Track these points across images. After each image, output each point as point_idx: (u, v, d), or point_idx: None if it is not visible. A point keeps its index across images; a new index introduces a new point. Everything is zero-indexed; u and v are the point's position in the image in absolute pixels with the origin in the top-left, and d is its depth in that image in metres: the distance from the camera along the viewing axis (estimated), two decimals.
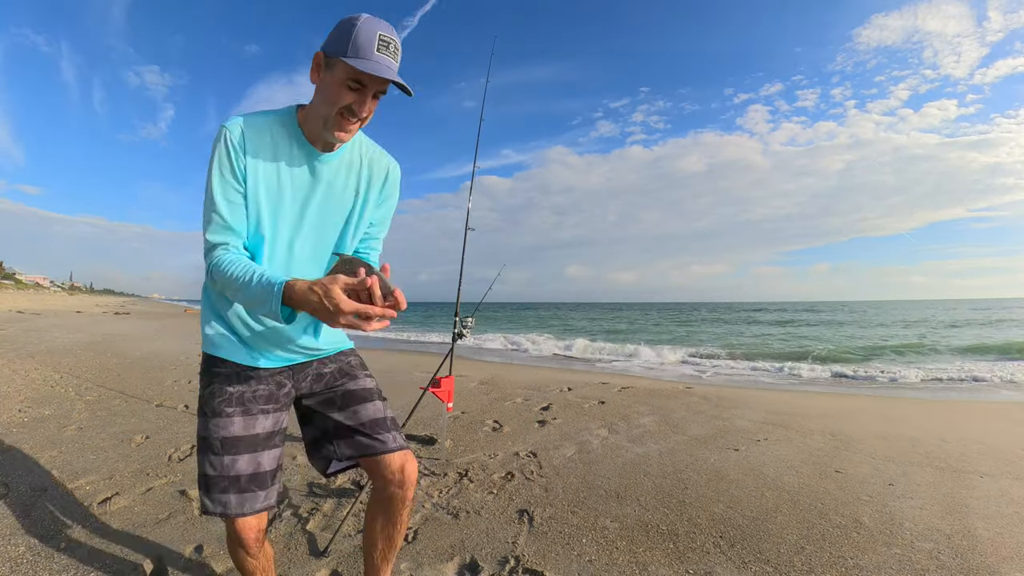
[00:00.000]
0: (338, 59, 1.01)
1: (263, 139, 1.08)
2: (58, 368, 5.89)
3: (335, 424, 1.24)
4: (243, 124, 1.07)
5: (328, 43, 1.04)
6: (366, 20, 1.01)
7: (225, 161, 1.05)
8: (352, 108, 1.05)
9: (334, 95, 1.03)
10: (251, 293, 0.96)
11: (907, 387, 7.33)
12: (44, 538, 1.93)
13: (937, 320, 26.13)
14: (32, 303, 30.81)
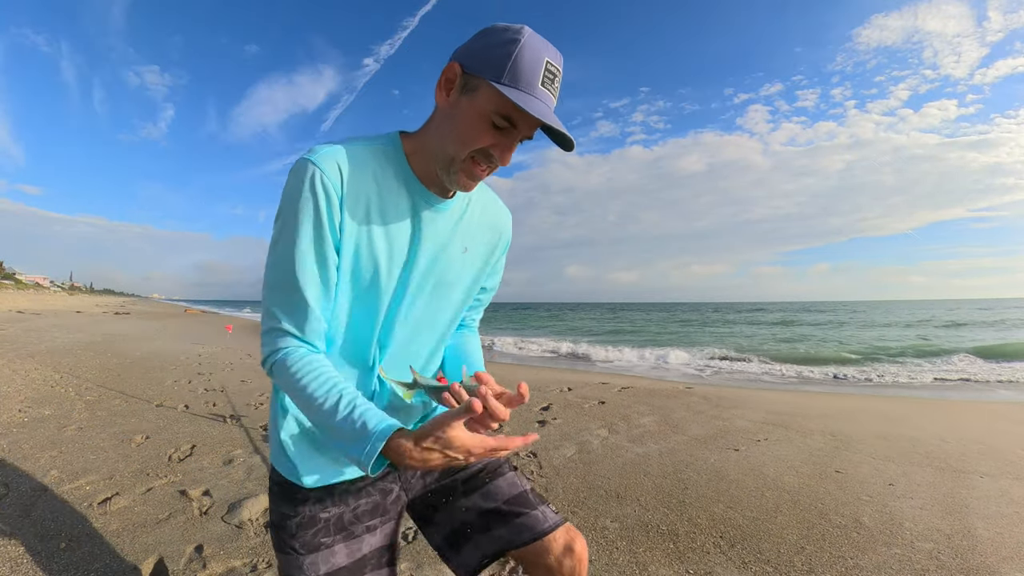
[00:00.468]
0: (486, 83, 0.73)
1: (364, 181, 0.79)
2: (58, 368, 5.89)
3: (466, 514, 0.97)
4: (340, 161, 0.76)
5: (471, 56, 0.75)
6: (531, 38, 0.73)
7: (318, 217, 0.74)
8: (490, 153, 0.77)
9: (471, 130, 0.75)
10: (332, 423, 0.72)
11: (908, 387, 7.33)
12: (44, 538, 1.93)
13: (957, 321, 25.67)
14: (32, 303, 30.83)
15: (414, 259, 0.84)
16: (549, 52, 0.74)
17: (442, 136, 0.78)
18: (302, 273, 0.75)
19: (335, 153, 0.76)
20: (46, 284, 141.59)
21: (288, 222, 0.75)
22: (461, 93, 0.76)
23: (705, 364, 10.14)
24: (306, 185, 0.74)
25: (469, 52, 0.75)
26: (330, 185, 0.74)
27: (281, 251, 0.76)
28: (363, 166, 0.79)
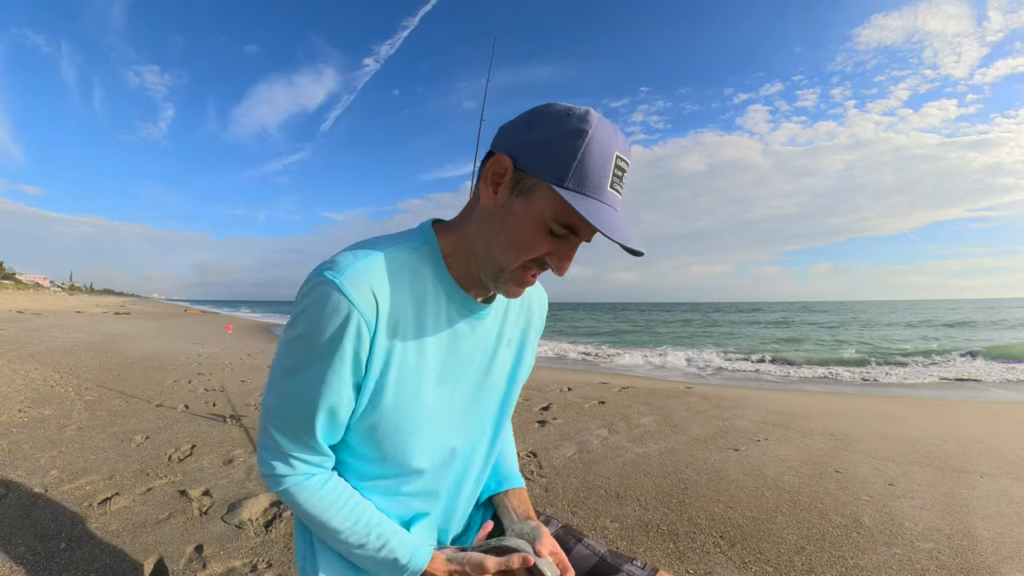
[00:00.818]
0: (545, 184, 0.62)
1: (401, 299, 0.68)
2: (58, 368, 5.89)
3: None
4: (376, 285, 0.64)
5: (525, 149, 0.63)
6: (599, 129, 0.61)
7: (342, 360, 0.64)
8: (545, 262, 0.67)
9: (525, 238, 0.64)
10: (362, 552, 0.69)
11: (908, 387, 7.33)
12: (44, 538, 1.93)
13: (963, 320, 25.20)
14: (32, 303, 30.83)
15: (460, 374, 0.76)
16: (618, 144, 0.62)
17: (488, 240, 0.67)
18: (319, 406, 0.66)
19: (368, 274, 0.64)
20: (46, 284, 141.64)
21: (309, 358, 0.64)
22: (513, 193, 0.64)
23: (705, 364, 10.14)
24: (333, 322, 0.62)
25: (523, 144, 0.63)
26: (363, 324, 0.63)
27: (296, 387, 0.66)
28: (399, 281, 0.67)
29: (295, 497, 0.70)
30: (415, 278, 0.70)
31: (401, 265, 0.68)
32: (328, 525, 0.69)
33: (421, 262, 0.71)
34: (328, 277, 0.62)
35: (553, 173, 0.61)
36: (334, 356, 0.63)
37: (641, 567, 0.85)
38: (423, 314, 0.70)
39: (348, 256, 0.65)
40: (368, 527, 0.69)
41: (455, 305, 0.73)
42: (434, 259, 0.72)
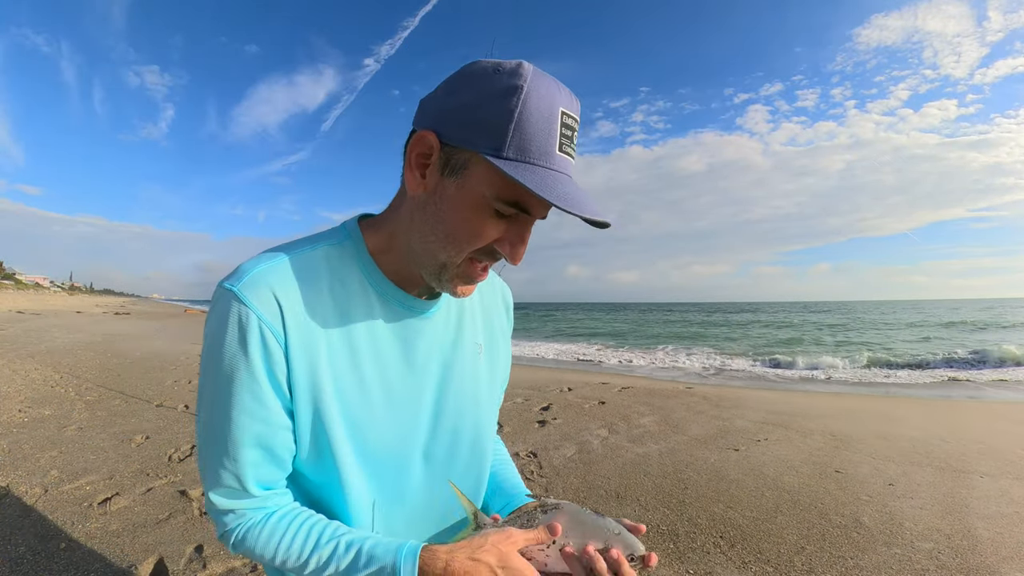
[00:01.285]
0: (480, 158, 0.51)
1: (317, 304, 0.58)
2: (58, 368, 5.89)
3: None
4: (277, 288, 0.55)
5: (450, 120, 0.53)
6: (535, 81, 0.50)
7: (253, 378, 0.55)
8: (495, 251, 0.57)
9: (466, 226, 0.55)
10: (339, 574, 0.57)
11: (909, 387, 7.33)
12: (44, 538, 1.93)
13: (972, 321, 24.55)
14: (32, 303, 30.84)
15: (417, 383, 0.66)
16: (562, 98, 0.52)
17: (424, 234, 0.57)
18: (239, 437, 0.56)
19: (269, 277, 0.55)
20: (46, 284, 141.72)
21: (214, 379, 0.55)
22: (444, 174, 0.54)
23: (707, 364, 10.14)
24: (233, 333, 0.53)
25: (447, 114, 0.53)
26: (269, 334, 0.54)
27: (208, 416, 0.57)
28: (313, 287, 0.58)
29: (250, 548, 0.59)
30: (336, 279, 0.60)
31: (315, 266, 0.59)
32: (290, 562, 0.57)
33: (343, 261, 0.61)
34: (226, 287, 0.54)
35: (487, 142, 0.50)
36: (243, 375, 0.54)
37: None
38: (351, 318, 0.60)
39: (250, 262, 0.57)
40: (333, 540, 0.57)
41: (392, 306, 0.63)
42: (359, 256, 0.62)
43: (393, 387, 0.64)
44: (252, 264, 0.56)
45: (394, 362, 0.64)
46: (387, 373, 0.63)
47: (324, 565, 0.56)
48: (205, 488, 0.59)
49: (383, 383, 0.63)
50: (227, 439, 0.56)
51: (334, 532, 0.59)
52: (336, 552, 0.57)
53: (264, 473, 0.59)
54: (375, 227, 0.64)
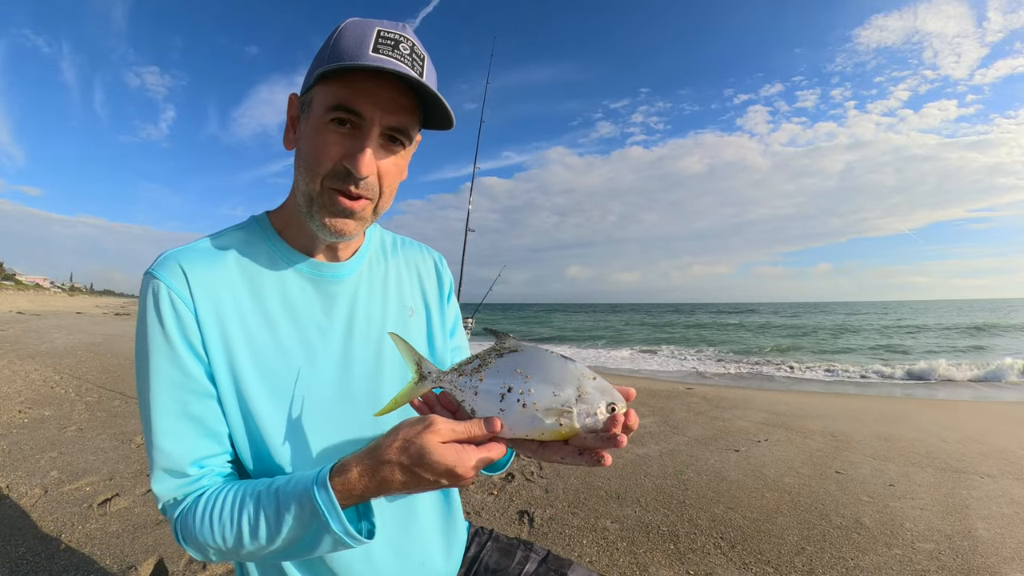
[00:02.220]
0: (316, 86, 0.60)
1: (227, 279, 0.63)
2: (58, 369, 5.89)
3: None
4: (187, 264, 0.60)
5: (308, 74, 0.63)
6: (357, 20, 0.60)
7: (168, 344, 0.58)
8: (344, 167, 0.59)
9: (314, 148, 0.59)
10: (273, 530, 0.54)
11: (908, 387, 7.33)
12: (44, 538, 1.93)
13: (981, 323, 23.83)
14: (32, 304, 30.84)
15: (343, 343, 0.67)
16: (383, 24, 0.59)
17: (297, 181, 0.63)
18: (158, 415, 0.58)
19: (180, 257, 0.61)
20: (46, 285, 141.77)
21: (140, 352, 0.59)
22: (301, 122, 0.63)
23: (705, 365, 10.13)
24: (149, 305, 0.58)
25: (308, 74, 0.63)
26: (178, 300, 0.59)
27: (139, 387, 0.60)
28: (221, 262, 0.63)
29: (190, 521, 0.57)
30: (245, 256, 0.65)
31: (224, 245, 0.65)
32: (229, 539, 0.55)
33: (250, 241, 0.67)
34: (146, 272, 0.61)
35: (316, 70, 0.58)
36: (160, 342, 0.58)
37: None
38: (262, 288, 0.64)
39: (168, 250, 0.64)
40: (254, 495, 0.55)
41: (304, 273, 0.67)
42: (266, 235, 0.68)
43: (315, 346, 0.66)
44: (167, 251, 0.63)
45: (313, 323, 0.66)
46: (307, 334, 0.66)
47: (255, 526, 0.54)
48: (151, 480, 0.60)
49: (304, 343, 0.65)
50: (157, 413, 0.58)
51: (254, 487, 0.57)
52: (260, 505, 0.54)
53: (196, 447, 0.59)
54: (279, 210, 0.71)
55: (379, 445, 0.52)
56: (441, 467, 0.50)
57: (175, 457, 0.58)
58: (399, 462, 0.50)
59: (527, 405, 0.51)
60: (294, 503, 0.53)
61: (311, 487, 0.52)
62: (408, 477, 0.51)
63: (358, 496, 0.53)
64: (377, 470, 0.51)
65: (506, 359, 0.54)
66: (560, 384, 0.51)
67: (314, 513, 0.52)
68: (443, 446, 0.50)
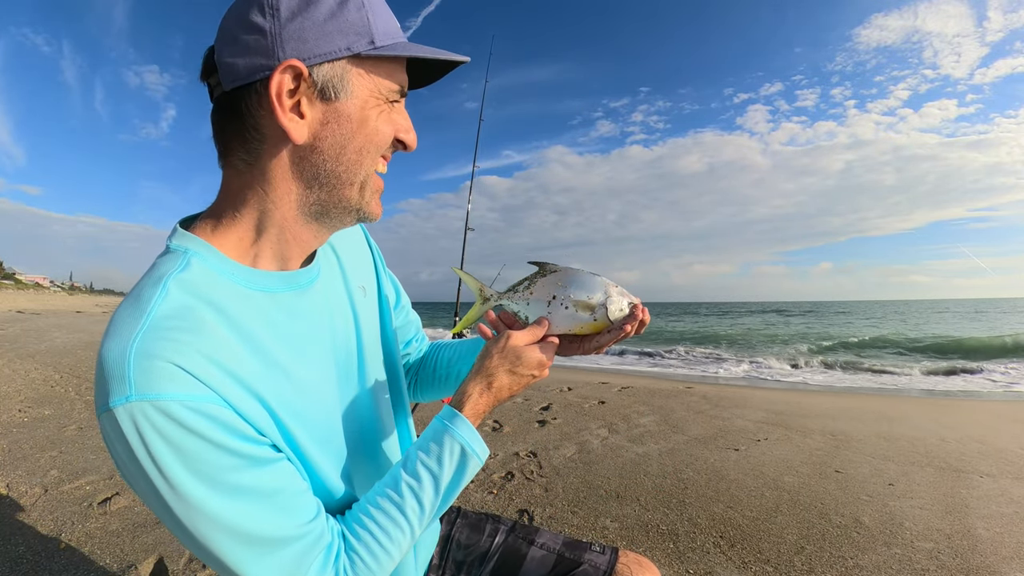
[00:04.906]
0: (357, 58, 0.52)
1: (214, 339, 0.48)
2: (58, 368, 5.89)
3: None
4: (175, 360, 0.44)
5: (304, 37, 0.49)
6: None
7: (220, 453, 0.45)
8: (403, 140, 0.59)
9: (372, 134, 0.54)
10: (433, 498, 0.58)
11: (909, 387, 7.33)
12: (44, 538, 1.93)
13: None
14: (32, 303, 30.85)
15: (334, 346, 0.64)
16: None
17: (325, 172, 0.54)
18: (287, 517, 0.49)
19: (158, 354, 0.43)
20: (46, 284, 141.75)
21: (201, 498, 0.44)
22: (324, 100, 0.51)
23: (704, 366, 10.14)
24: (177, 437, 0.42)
25: (294, 38, 0.49)
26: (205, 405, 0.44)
27: (227, 526, 0.45)
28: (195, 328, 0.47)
29: (370, 571, 0.55)
30: (208, 305, 0.50)
31: (182, 307, 0.48)
32: (404, 543, 0.57)
33: (203, 283, 0.51)
34: (124, 405, 0.42)
35: (359, 41, 0.50)
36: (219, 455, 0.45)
37: (601, 551, 0.84)
38: (248, 332, 0.52)
39: (113, 360, 0.43)
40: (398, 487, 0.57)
41: (279, 294, 0.57)
42: (220, 267, 0.53)
43: (318, 362, 0.60)
44: (119, 351, 0.43)
45: (307, 341, 0.59)
46: (306, 353, 0.58)
47: (421, 509, 0.57)
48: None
49: (309, 365, 0.58)
50: (272, 531, 0.48)
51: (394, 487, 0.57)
52: (415, 491, 0.57)
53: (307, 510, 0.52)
54: (223, 227, 0.55)
55: (482, 364, 0.64)
56: (533, 361, 0.65)
57: (309, 537, 0.50)
58: (504, 368, 0.64)
59: (568, 307, 0.68)
60: (446, 455, 0.59)
61: (449, 429, 0.60)
62: (512, 378, 0.64)
63: (481, 413, 0.63)
64: (491, 382, 0.63)
65: (548, 277, 0.70)
66: (591, 290, 0.68)
67: (462, 453, 0.59)
68: (528, 346, 0.65)
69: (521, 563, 0.84)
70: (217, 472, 0.45)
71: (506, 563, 0.85)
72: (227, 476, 0.45)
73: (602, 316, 0.67)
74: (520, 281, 0.72)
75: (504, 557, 0.86)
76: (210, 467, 0.44)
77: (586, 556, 0.83)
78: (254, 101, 0.51)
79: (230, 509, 0.45)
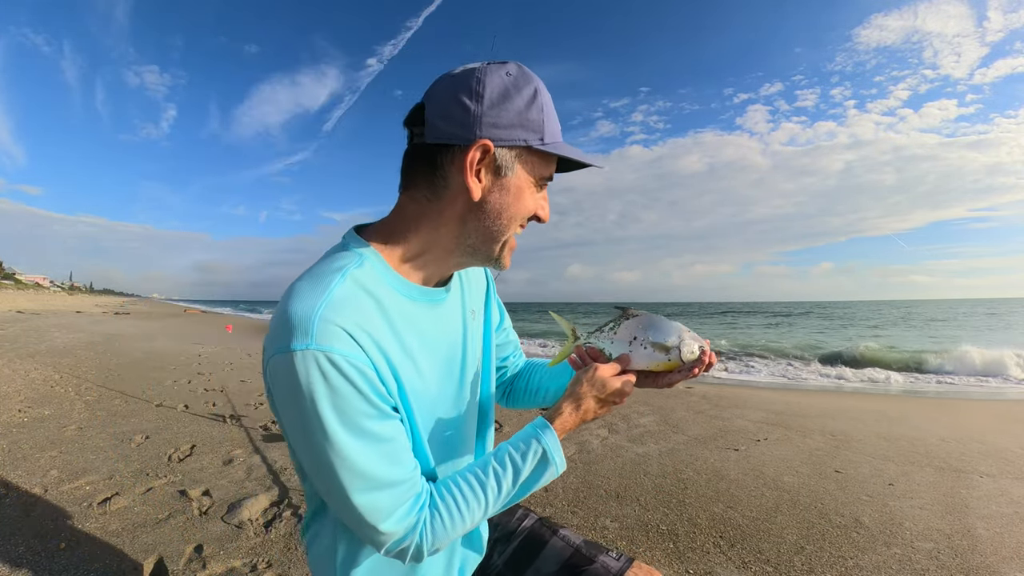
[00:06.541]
0: (524, 149, 0.66)
1: (374, 325, 0.63)
2: (58, 368, 5.89)
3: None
4: (346, 327, 0.59)
5: (497, 124, 0.64)
6: (538, 81, 0.68)
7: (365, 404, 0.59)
8: (539, 216, 0.73)
9: (524, 205, 0.69)
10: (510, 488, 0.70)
11: (905, 387, 7.33)
12: (44, 538, 1.93)
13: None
14: (32, 303, 30.86)
15: (462, 355, 0.79)
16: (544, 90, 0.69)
17: (486, 226, 0.68)
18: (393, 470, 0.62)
19: (333, 318, 0.58)
20: (46, 284, 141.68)
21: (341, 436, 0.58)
22: (499, 173, 0.66)
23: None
24: (334, 378, 0.56)
25: (490, 122, 0.63)
26: (361, 365, 0.59)
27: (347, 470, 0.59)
28: (362, 310, 0.62)
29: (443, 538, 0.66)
30: (372, 298, 0.64)
31: (355, 293, 0.62)
32: (477, 516, 0.68)
33: (371, 281, 0.65)
34: (302, 349, 0.56)
35: (534, 136, 0.66)
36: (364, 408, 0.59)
37: (616, 558, 0.88)
38: (398, 330, 0.66)
39: (300, 310, 0.58)
40: (486, 469, 0.69)
41: (421, 304, 0.72)
42: (385, 273, 0.68)
43: (432, 359, 0.73)
44: (305, 310, 0.58)
45: (431, 342, 0.73)
46: (428, 351, 0.72)
47: (498, 491, 0.69)
48: (372, 530, 0.62)
49: (436, 372, 0.73)
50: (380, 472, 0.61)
51: (482, 467, 0.70)
52: (498, 475, 0.69)
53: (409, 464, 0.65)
54: (394, 241, 0.71)
55: (573, 390, 0.75)
56: (615, 390, 0.75)
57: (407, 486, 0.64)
58: (592, 394, 0.74)
59: (647, 347, 0.77)
60: (530, 454, 0.70)
61: (539, 435, 0.71)
62: (598, 404, 0.75)
63: (568, 429, 0.74)
64: (579, 404, 0.74)
65: (631, 320, 0.80)
66: (668, 333, 0.77)
67: (544, 457, 0.71)
68: (612, 377, 0.75)
69: (542, 548, 0.92)
70: (354, 415, 0.58)
71: (528, 545, 0.94)
72: (360, 420, 0.59)
73: (675, 357, 0.76)
74: (606, 322, 0.83)
75: (528, 539, 0.95)
76: (351, 410, 0.58)
77: (600, 558, 0.88)
78: (448, 158, 0.65)
79: (355, 446, 0.59)
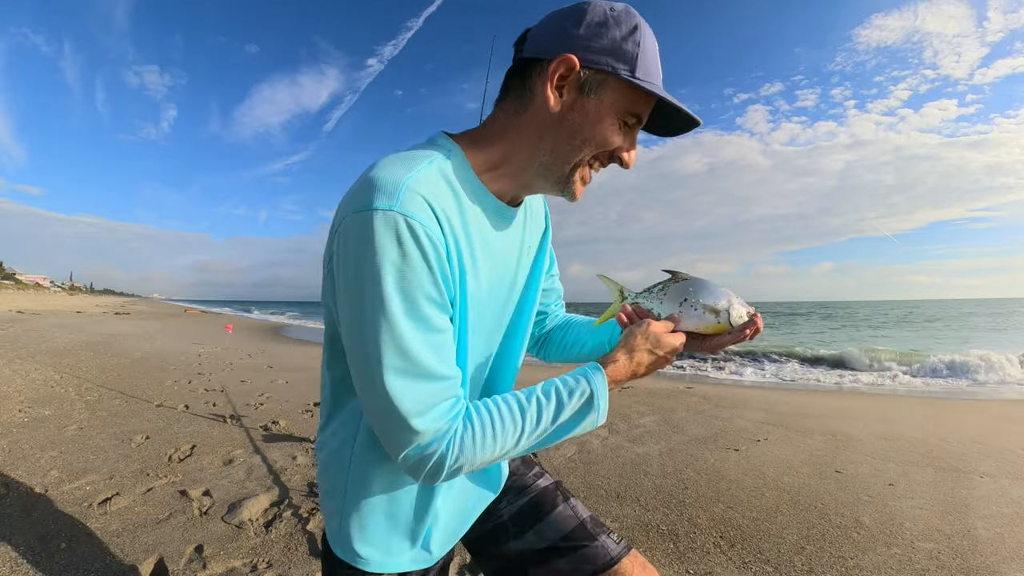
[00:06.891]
0: (616, 78, 0.64)
1: (452, 211, 0.64)
2: (58, 368, 5.89)
3: (520, 555, 0.88)
4: (428, 198, 0.60)
5: (588, 48, 0.64)
6: (643, 22, 0.66)
7: (432, 276, 0.59)
8: (611, 156, 0.70)
9: (602, 134, 0.66)
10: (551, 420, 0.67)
11: (905, 387, 7.33)
12: (44, 538, 1.93)
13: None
14: (32, 303, 30.86)
15: (512, 281, 0.78)
16: (654, 38, 0.68)
17: (558, 144, 0.67)
18: (427, 353, 0.59)
19: (419, 188, 0.59)
20: (46, 284, 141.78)
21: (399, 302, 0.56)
22: (583, 93, 0.65)
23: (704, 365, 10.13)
24: (406, 240, 0.56)
25: (584, 43, 0.63)
26: (434, 237, 0.58)
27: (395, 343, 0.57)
28: (443, 194, 0.63)
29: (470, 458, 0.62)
30: (452, 190, 0.65)
31: (439, 178, 0.63)
32: (509, 443, 0.64)
33: (454, 175, 0.66)
34: (384, 209, 0.55)
35: (625, 66, 0.64)
36: (425, 275, 0.58)
37: (617, 541, 0.87)
38: (469, 228, 0.67)
39: (387, 176, 0.58)
40: (531, 398, 0.67)
41: (495, 216, 0.72)
42: (467, 172, 0.68)
43: (491, 271, 0.72)
44: (393, 177, 0.58)
45: (496, 268, 0.73)
46: (498, 269, 0.74)
47: (537, 422, 0.66)
48: (401, 424, 0.58)
49: (494, 276, 0.73)
50: (427, 360, 0.59)
51: (526, 395, 0.68)
52: (540, 405, 0.67)
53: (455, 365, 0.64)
54: (478, 147, 0.71)
55: (627, 341, 0.76)
56: (669, 345, 0.75)
57: (448, 384, 0.61)
58: (646, 347, 0.75)
59: (696, 308, 0.77)
60: (577, 391, 0.70)
61: (589, 375, 0.71)
62: (651, 357, 0.75)
63: (619, 379, 0.75)
64: (632, 356, 0.75)
65: (680, 283, 0.80)
66: (718, 297, 0.77)
67: (590, 399, 0.71)
68: (666, 333, 0.75)
69: (549, 512, 0.91)
70: (416, 291, 0.57)
71: (538, 504, 0.92)
72: (420, 299, 0.58)
73: (725, 320, 0.76)
74: (655, 284, 0.83)
75: (538, 499, 0.93)
76: (415, 283, 0.57)
77: (602, 538, 0.87)
78: (537, 70, 0.66)
79: (407, 325, 0.57)
